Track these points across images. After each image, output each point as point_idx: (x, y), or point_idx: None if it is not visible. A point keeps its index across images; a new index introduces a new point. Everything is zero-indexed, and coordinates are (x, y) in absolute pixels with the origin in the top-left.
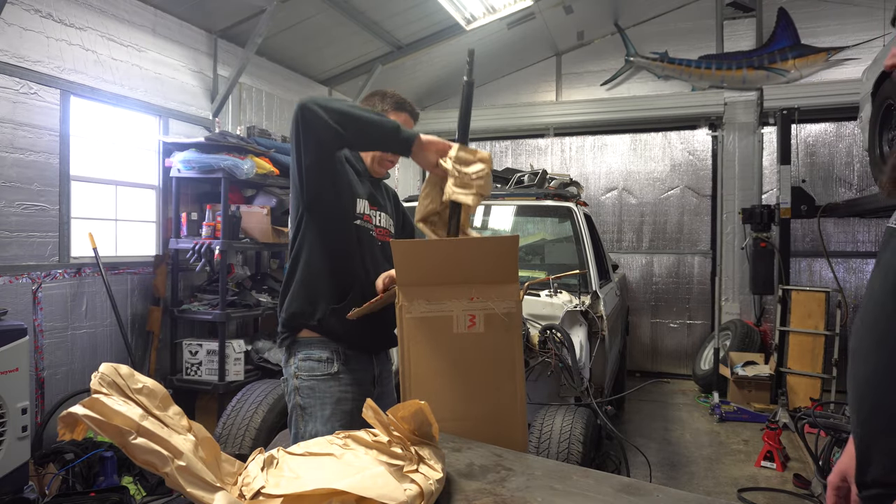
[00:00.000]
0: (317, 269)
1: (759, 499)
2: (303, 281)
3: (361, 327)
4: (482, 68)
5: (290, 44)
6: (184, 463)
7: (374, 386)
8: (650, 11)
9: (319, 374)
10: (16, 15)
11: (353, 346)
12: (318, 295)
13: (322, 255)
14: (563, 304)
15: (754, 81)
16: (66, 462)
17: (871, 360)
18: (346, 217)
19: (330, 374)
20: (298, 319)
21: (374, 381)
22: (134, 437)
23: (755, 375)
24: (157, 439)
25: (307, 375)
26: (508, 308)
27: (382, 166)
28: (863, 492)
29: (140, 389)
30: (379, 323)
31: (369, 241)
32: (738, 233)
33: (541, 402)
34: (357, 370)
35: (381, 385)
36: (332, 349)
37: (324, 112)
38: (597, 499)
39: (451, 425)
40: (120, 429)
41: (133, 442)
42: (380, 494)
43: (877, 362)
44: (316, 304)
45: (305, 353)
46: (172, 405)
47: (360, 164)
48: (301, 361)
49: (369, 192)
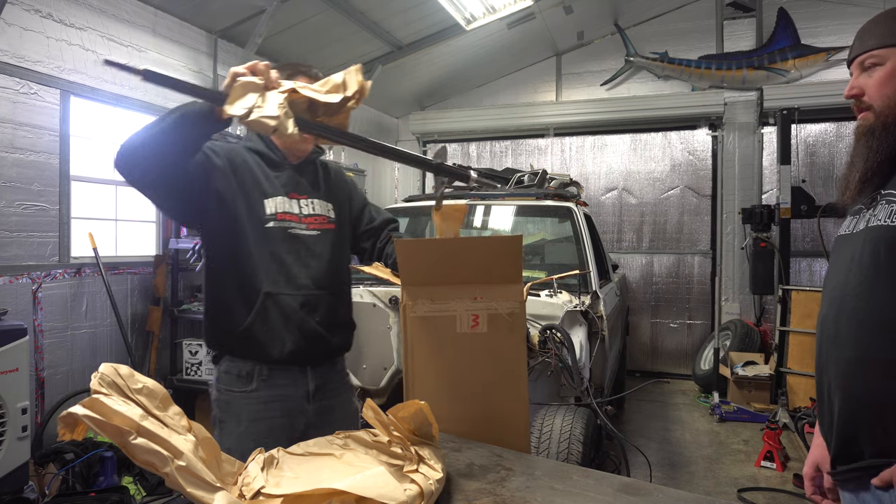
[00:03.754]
0: (222, 287)
1: (759, 499)
2: (211, 301)
3: (283, 341)
4: (482, 68)
5: (290, 44)
6: (184, 463)
7: (311, 401)
8: (650, 11)
9: (237, 390)
10: (16, 15)
11: (276, 362)
12: (226, 315)
13: (224, 272)
14: (563, 304)
15: (754, 81)
16: (66, 462)
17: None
18: (245, 227)
19: (245, 392)
20: (215, 341)
21: (309, 396)
22: (134, 438)
23: (755, 375)
24: (157, 439)
25: (225, 389)
26: (512, 308)
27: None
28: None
29: (140, 389)
30: (311, 334)
31: (289, 240)
32: (738, 233)
33: (541, 402)
34: (284, 385)
35: (323, 398)
36: (252, 364)
37: (122, 157)
38: (597, 499)
39: (454, 425)
40: (120, 429)
41: (133, 442)
42: (380, 494)
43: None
44: (225, 324)
45: (227, 365)
46: (172, 405)
47: (276, 152)
48: (222, 373)
49: (290, 181)
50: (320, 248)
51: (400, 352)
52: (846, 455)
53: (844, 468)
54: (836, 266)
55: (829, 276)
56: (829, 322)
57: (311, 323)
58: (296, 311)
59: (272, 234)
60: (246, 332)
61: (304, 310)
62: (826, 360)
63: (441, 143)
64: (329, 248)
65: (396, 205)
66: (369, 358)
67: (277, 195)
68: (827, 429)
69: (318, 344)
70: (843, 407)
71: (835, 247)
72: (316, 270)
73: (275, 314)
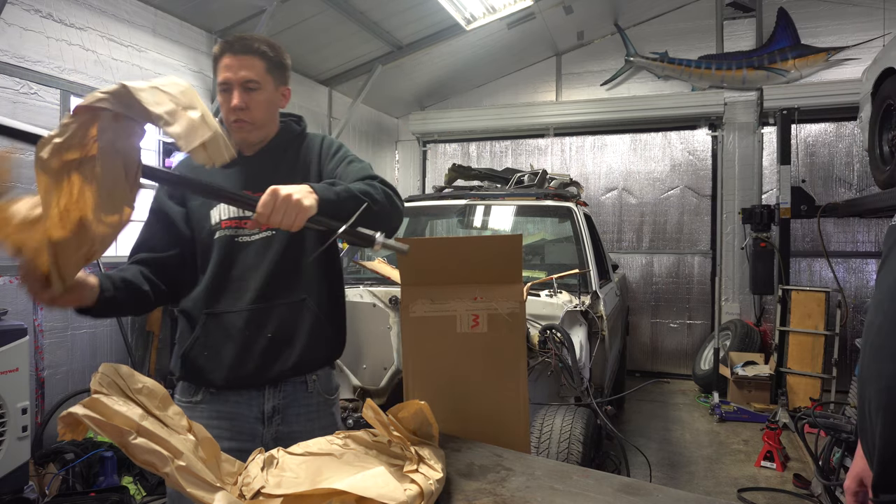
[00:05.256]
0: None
1: (759, 499)
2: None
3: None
4: (482, 68)
5: (290, 44)
6: (184, 463)
7: (267, 425)
8: (650, 11)
9: (185, 400)
10: (16, 15)
11: (223, 388)
12: (179, 341)
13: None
14: (563, 304)
15: (754, 81)
16: (66, 462)
17: None
18: (196, 246)
19: (191, 402)
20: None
21: (264, 418)
22: (134, 437)
23: (755, 375)
24: (157, 439)
25: (177, 398)
26: (512, 308)
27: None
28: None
29: (140, 389)
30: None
31: (235, 249)
32: (738, 233)
33: (541, 402)
34: (235, 402)
35: (283, 423)
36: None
37: None
38: (597, 499)
39: (454, 425)
40: (120, 429)
41: (133, 442)
42: (380, 494)
43: None
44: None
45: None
46: (172, 405)
47: None
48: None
49: (242, 177)
50: (273, 252)
51: (400, 352)
52: (888, 482)
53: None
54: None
55: (882, 276)
56: (873, 331)
57: (261, 340)
58: (240, 330)
59: (218, 246)
60: (186, 357)
61: (250, 327)
62: (868, 373)
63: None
64: (281, 251)
65: None
66: (369, 358)
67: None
68: (869, 448)
69: (271, 363)
70: (885, 428)
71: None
72: (264, 280)
73: (217, 335)
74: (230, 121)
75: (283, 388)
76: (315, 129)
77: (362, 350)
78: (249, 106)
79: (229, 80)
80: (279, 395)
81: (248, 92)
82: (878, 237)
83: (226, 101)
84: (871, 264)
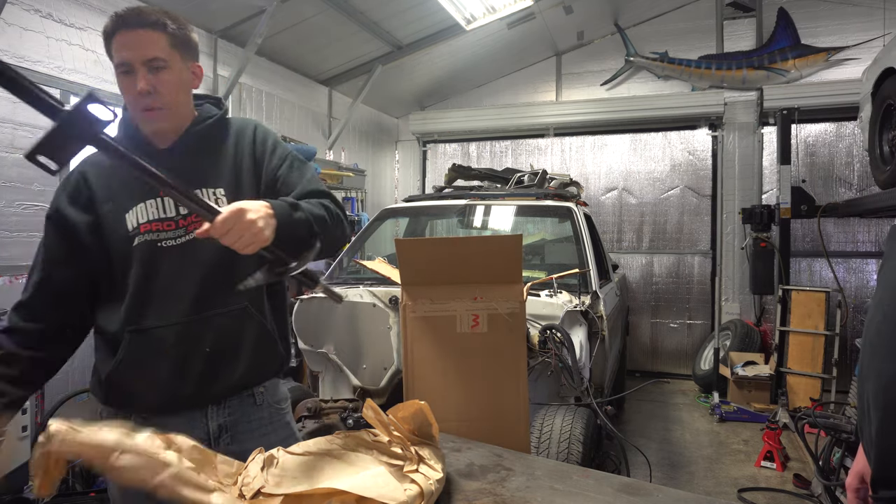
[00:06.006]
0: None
1: (759, 499)
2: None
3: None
4: (482, 68)
5: (290, 44)
6: (175, 470)
7: (213, 444)
8: (650, 11)
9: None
10: (16, 15)
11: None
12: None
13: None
14: (563, 304)
15: (754, 81)
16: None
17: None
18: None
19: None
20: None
21: (210, 439)
22: (118, 455)
23: (755, 375)
24: (142, 452)
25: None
26: (512, 308)
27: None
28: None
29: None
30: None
31: (159, 255)
32: (738, 233)
33: (541, 402)
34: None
35: (233, 443)
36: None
37: None
38: (597, 499)
39: (454, 425)
40: (102, 447)
41: (119, 460)
42: (380, 494)
43: None
44: (95, 374)
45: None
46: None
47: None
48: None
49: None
50: (205, 255)
51: (400, 352)
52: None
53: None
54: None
55: (882, 273)
56: (873, 329)
57: (198, 356)
58: (172, 346)
59: (137, 253)
60: (111, 381)
61: (184, 342)
62: (867, 371)
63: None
64: (217, 253)
65: (396, 205)
66: (369, 358)
67: (140, 201)
68: (867, 445)
69: (212, 380)
70: (882, 426)
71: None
72: (197, 287)
73: (145, 354)
74: (138, 109)
75: (229, 405)
76: (315, 129)
77: (362, 350)
78: (158, 89)
79: (129, 61)
80: (224, 413)
81: (154, 72)
82: (878, 237)
83: (129, 85)
84: (871, 264)
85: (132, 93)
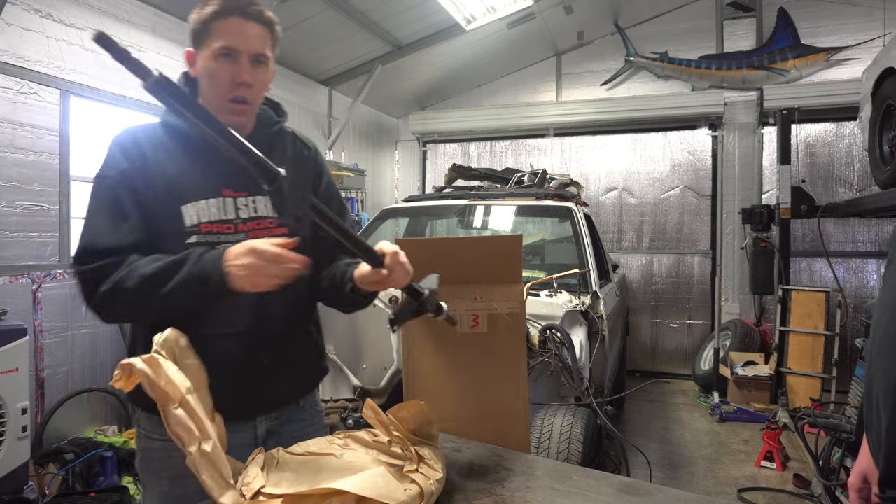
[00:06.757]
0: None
1: (759, 499)
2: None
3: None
4: (482, 68)
5: (290, 44)
6: (209, 448)
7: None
8: (650, 11)
9: (157, 436)
10: (16, 15)
11: None
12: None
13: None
14: (563, 304)
15: (754, 81)
16: (66, 462)
17: None
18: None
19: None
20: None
21: (257, 442)
22: (176, 407)
23: (755, 375)
24: (195, 417)
25: (145, 435)
26: (512, 308)
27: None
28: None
29: (188, 365)
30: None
31: None
32: (738, 233)
33: (541, 402)
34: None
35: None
36: None
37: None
38: (597, 499)
39: (454, 425)
40: (167, 394)
41: (174, 411)
42: (380, 494)
43: None
44: None
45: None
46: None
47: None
48: (143, 411)
49: (223, 171)
50: None
51: (400, 352)
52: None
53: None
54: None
55: (888, 274)
56: (880, 328)
57: (256, 367)
58: (231, 355)
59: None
60: None
61: (243, 352)
62: (875, 371)
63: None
64: None
65: (396, 205)
66: (369, 358)
67: (201, 198)
68: (875, 445)
69: (267, 390)
70: (891, 425)
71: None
72: (258, 297)
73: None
74: (228, 98)
75: (280, 412)
76: (315, 129)
77: (362, 350)
78: (255, 84)
79: (237, 48)
80: (272, 418)
81: (255, 67)
82: (878, 237)
83: (228, 71)
84: (871, 264)
85: (226, 79)
